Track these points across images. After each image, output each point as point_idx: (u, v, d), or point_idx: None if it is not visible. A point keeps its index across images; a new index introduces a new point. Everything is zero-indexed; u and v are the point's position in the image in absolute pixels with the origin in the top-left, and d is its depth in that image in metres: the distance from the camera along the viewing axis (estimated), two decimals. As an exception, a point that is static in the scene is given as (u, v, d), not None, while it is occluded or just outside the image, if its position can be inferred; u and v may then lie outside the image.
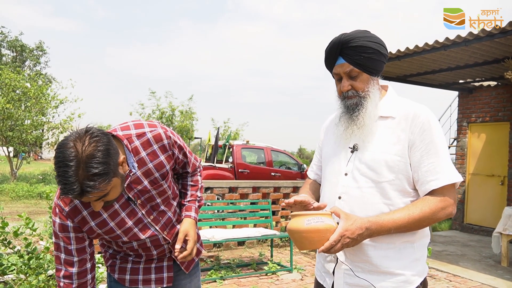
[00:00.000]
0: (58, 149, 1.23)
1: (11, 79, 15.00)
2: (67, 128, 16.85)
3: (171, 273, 1.72)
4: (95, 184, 1.22)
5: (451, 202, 1.37)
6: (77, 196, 1.23)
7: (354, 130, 1.45)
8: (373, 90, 1.45)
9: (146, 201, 1.54)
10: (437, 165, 1.35)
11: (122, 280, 1.68)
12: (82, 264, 1.54)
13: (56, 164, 1.22)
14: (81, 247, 1.53)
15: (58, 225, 1.48)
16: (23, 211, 3.50)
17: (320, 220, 1.30)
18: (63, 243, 1.50)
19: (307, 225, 1.30)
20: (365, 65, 1.42)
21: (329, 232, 1.29)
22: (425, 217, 1.33)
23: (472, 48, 5.29)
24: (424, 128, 1.38)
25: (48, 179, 15.83)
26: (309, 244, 1.32)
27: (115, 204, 1.49)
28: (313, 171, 1.77)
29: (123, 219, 1.51)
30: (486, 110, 7.75)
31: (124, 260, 1.71)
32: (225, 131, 19.13)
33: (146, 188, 1.52)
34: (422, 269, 1.45)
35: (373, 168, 1.40)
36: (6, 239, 2.92)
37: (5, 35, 29.98)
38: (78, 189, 1.20)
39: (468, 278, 4.81)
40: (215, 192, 5.87)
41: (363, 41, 1.40)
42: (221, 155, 11.04)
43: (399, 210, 1.35)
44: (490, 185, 7.63)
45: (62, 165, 1.19)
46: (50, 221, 3.37)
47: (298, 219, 1.33)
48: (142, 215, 1.54)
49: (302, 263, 5.31)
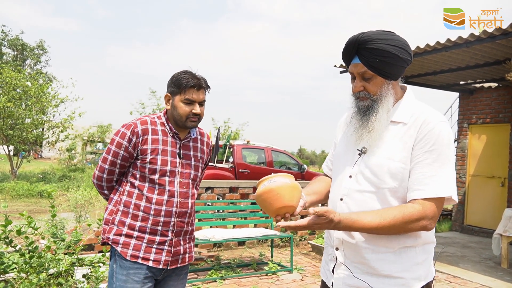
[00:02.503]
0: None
1: (12, 78, 15.01)
2: (67, 127, 16.88)
3: (168, 257, 1.96)
4: (208, 85, 2.00)
5: (428, 216, 1.30)
6: (203, 84, 1.96)
7: (363, 134, 1.42)
8: (386, 94, 1.39)
9: (185, 166, 2.01)
10: (427, 176, 1.31)
11: (124, 253, 1.91)
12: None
13: (187, 72, 1.96)
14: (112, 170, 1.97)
15: (121, 135, 1.93)
16: (23, 210, 3.50)
17: (273, 181, 1.36)
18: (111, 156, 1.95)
19: (262, 188, 1.37)
20: (380, 69, 1.36)
21: (283, 190, 1.33)
22: (396, 225, 1.29)
23: (473, 50, 5.29)
24: (428, 136, 1.33)
25: (48, 178, 15.82)
26: (269, 206, 1.36)
27: (169, 147, 1.97)
28: (327, 166, 1.75)
29: (166, 160, 1.95)
30: (487, 112, 7.75)
31: (130, 230, 1.93)
32: (225, 131, 19.13)
33: (190, 156, 2.05)
34: (425, 273, 1.40)
35: (376, 174, 1.38)
36: (8, 237, 2.92)
37: (6, 34, 30.00)
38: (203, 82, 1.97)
39: (468, 280, 4.81)
40: (215, 192, 5.88)
41: (380, 44, 1.34)
42: (222, 155, 11.04)
43: (374, 212, 1.32)
44: (491, 187, 7.63)
45: (192, 72, 1.97)
46: (51, 219, 3.36)
47: (258, 185, 1.41)
48: (177, 171, 1.98)
49: (303, 263, 5.31)
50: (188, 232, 2.05)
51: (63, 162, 20.13)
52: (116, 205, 1.98)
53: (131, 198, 1.94)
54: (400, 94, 1.48)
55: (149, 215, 1.92)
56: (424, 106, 1.43)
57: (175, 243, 1.98)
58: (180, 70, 2.00)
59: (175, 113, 1.96)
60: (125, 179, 1.99)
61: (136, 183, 1.94)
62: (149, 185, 1.93)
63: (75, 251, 3.17)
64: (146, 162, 1.91)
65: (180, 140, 2.02)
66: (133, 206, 1.93)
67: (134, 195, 1.94)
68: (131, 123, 1.95)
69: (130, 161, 1.96)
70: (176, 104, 1.94)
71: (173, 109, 1.96)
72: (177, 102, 1.94)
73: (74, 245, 3.20)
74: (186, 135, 2.05)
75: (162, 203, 1.93)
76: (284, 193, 1.32)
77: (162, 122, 2.00)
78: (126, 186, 1.97)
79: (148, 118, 2.00)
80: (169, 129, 1.99)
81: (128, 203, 1.94)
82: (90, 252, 4.56)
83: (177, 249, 1.99)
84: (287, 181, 1.36)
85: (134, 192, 1.95)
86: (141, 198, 1.93)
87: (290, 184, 1.35)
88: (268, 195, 1.34)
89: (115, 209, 1.97)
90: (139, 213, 1.92)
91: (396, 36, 1.40)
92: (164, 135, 1.98)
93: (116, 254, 1.95)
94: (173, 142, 1.99)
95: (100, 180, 2.00)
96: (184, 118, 1.94)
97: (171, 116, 1.99)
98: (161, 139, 1.96)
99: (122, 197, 1.96)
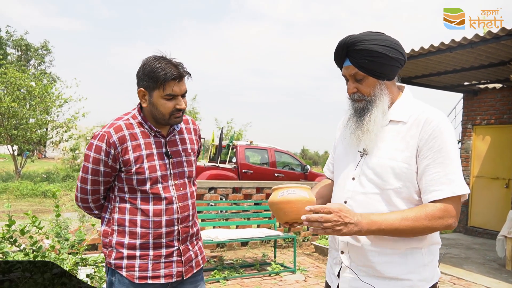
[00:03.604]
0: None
1: (16, 78, 15.08)
2: (71, 127, 16.94)
3: (181, 268, 1.75)
4: (187, 71, 1.67)
5: (451, 214, 1.31)
6: (183, 73, 1.65)
7: (360, 135, 1.42)
8: (380, 94, 1.40)
9: (177, 165, 1.76)
10: (442, 175, 1.31)
11: (131, 277, 1.69)
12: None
13: (161, 59, 1.63)
14: (96, 189, 1.73)
15: (95, 149, 1.66)
16: (27, 210, 3.51)
17: (292, 192, 1.38)
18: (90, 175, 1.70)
19: (280, 197, 1.39)
20: (371, 69, 1.37)
21: (300, 203, 1.35)
22: (420, 222, 1.29)
23: (478, 50, 5.26)
24: (434, 135, 1.33)
25: (52, 178, 15.89)
26: (283, 215, 1.39)
27: (153, 149, 1.71)
28: (329, 170, 1.76)
29: (154, 166, 1.69)
30: (491, 113, 7.71)
31: (131, 250, 1.70)
32: (228, 131, 19.14)
33: (179, 152, 1.79)
34: (431, 275, 1.40)
35: (379, 175, 1.37)
36: (12, 237, 2.93)
37: (10, 34, 30.17)
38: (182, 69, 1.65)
39: (472, 281, 4.79)
40: (218, 193, 5.88)
41: (368, 45, 1.35)
42: (225, 155, 11.05)
43: (394, 212, 1.33)
44: (495, 188, 7.59)
45: (166, 58, 1.65)
46: (55, 218, 3.38)
47: (275, 192, 1.43)
48: (170, 174, 1.74)
49: (306, 264, 5.31)
50: (194, 235, 1.85)
51: (66, 162, 20.19)
52: (110, 225, 1.73)
53: (124, 215, 1.69)
54: (397, 94, 1.48)
55: (149, 229, 1.68)
56: (423, 104, 1.43)
57: (183, 251, 1.77)
58: (151, 55, 1.66)
59: (155, 111, 1.66)
60: (113, 194, 1.74)
61: (126, 196, 1.69)
62: (142, 196, 1.68)
63: (78, 250, 3.18)
64: (132, 174, 1.66)
65: (164, 137, 1.75)
66: (128, 223, 1.68)
67: (126, 211, 1.69)
68: (103, 133, 1.65)
69: (114, 175, 1.71)
70: (156, 102, 1.64)
71: (152, 107, 1.66)
72: (157, 99, 1.64)
73: (78, 245, 3.21)
74: (169, 130, 1.77)
75: (161, 213, 1.69)
76: (301, 206, 1.35)
77: (138, 122, 1.72)
78: (116, 202, 1.72)
79: (121, 122, 1.69)
80: (149, 129, 1.72)
81: (121, 220, 1.69)
82: (93, 252, 4.58)
83: (187, 256, 1.78)
84: (306, 195, 1.38)
85: (126, 207, 1.69)
86: (135, 213, 1.68)
87: (308, 199, 1.38)
88: (285, 205, 1.38)
89: (109, 230, 1.72)
90: (136, 229, 1.68)
91: (385, 36, 1.41)
92: (145, 137, 1.70)
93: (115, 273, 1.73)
94: (157, 142, 1.72)
95: (86, 202, 1.75)
96: (168, 116, 1.66)
97: (150, 114, 1.70)
98: (143, 143, 1.69)
99: (114, 215, 1.71)
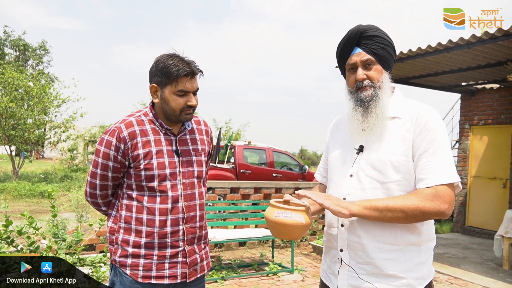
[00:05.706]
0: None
1: (14, 78, 15.06)
2: (69, 127, 16.92)
3: (185, 269, 1.75)
4: (200, 69, 1.72)
5: (444, 199, 1.33)
6: (196, 70, 1.69)
7: (371, 123, 1.44)
8: (385, 84, 1.47)
9: (186, 164, 1.78)
10: (434, 164, 1.35)
11: (135, 276, 1.71)
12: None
13: (174, 56, 1.69)
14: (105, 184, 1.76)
15: (106, 143, 1.70)
16: (24, 210, 3.51)
17: (288, 215, 1.37)
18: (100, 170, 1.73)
19: (275, 217, 1.38)
20: (381, 56, 1.46)
21: (295, 228, 1.36)
22: (410, 201, 1.32)
23: (475, 51, 5.28)
24: (425, 127, 1.39)
25: (49, 178, 15.86)
26: (277, 234, 1.41)
27: (163, 147, 1.73)
28: (320, 174, 1.78)
29: (164, 163, 1.72)
30: (488, 113, 7.73)
31: (136, 248, 1.71)
32: (226, 132, 19.16)
33: (189, 151, 1.80)
34: (427, 273, 1.44)
35: (379, 169, 1.41)
36: (10, 237, 2.93)
37: (8, 34, 30.04)
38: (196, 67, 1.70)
39: (470, 281, 4.81)
40: (216, 193, 5.88)
41: (380, 32, 1.47)
42: (223, 155, 11.05)
43: (384, 198, 1.39)
44: (492, 188, 7.61)
45: (180, 56, 1.70)
46: (52, 219, 3.37)
47: (271, 209, 1.42)
48: (179, 172, 1.75)
49: (303, 264, 5.31)
50: (202, 238, 1.83)
51: (64, 163, 20.17)
52: (116, 222, 1.76)
53: (130, 212, 1.72)
54: (390, 92, 1.53)
55: (154, 229, 1.70)
56: (413, 101, 1.50)
57: (189, 252, 1.77)
58: (164, 53, 1.72)
59: (166, 107, 1.70)
60: (121, 191, 1.77)
61: (134, 194, 1.73)
62: (149, 194, 1.71)
63: (76, 251, 3.18)
64: (140, 170, 1.68)
65: (175, 135, 1.78)
66: (134, 221, 1.71)
67: (133, 208, 1.72)
68: (114, 128, 1.69)
69: (123, 171, 1.74)
70: (167, 97, 1.69)
71: (164, 102, 1.70)
72: (168, 95, 1.68)
73: (75, 245, 3.21)
74: (180, 129, 1.80)
75: (166, 213, 1.71)
76: (295, 231, 1.37)
77: (149, 119, 1.75)
78: (124, 199, 1.75)
79: (133, 118, 1.74)
80: (160, 126, 1.75)
81: (128, 218, 1.72)
82: (91, 252, 4.57)
83: (193, 259, 1.78)
84: (302, 221, 1.38)
85: (133, 204, 1.72)
86: (141, 211, 1.71)
87: (304, 224, 1.38)
88: (279, 227, 1.39)
89: (116, 227, 1.76)
90: (142, 228, 1.70)
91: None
92: (155, 134, 1.74)
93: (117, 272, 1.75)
94: (167, 140, 1.75)
95: (94, 197, 1.79)
96: (178, 112, 1.70)
97: (161, 110, 1.74)
98: (153, 140, 1.72)
99: (121, 212, 1.75)
